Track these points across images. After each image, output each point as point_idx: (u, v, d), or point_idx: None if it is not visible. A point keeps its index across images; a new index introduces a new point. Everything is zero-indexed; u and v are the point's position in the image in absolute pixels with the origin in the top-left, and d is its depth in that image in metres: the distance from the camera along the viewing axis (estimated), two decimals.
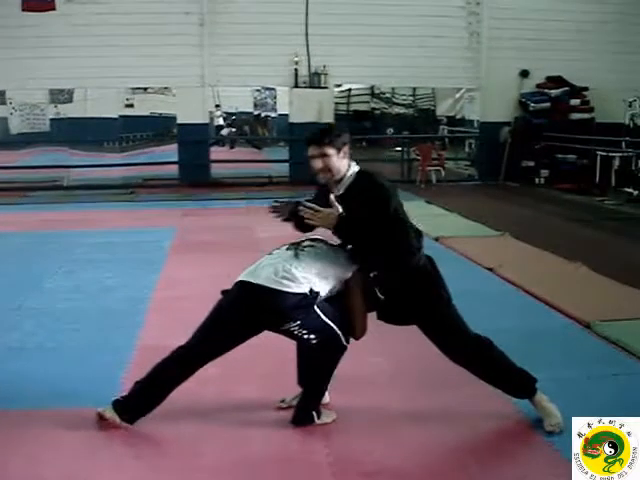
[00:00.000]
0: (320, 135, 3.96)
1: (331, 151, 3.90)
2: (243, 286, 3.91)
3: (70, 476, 3.55)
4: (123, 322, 6.05)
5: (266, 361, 4.81)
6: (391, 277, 3.97)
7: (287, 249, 4.02)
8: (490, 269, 7.84)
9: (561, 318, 6.13)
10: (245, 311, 3.89)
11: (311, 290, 3.86)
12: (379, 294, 4.00)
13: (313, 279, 3.88)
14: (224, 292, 4.01)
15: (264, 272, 3.89)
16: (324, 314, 3.91)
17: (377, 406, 4.27)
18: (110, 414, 3.98)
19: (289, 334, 3.96)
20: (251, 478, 3.56)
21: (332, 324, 3.92)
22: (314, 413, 4.04)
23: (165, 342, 5.45)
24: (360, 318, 4.00)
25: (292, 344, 4.12)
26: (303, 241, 4.06)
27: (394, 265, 3.92)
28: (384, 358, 5.05)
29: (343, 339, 3.96)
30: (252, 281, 3.88)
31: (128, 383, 4.64)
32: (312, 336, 3.92)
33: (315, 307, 3.89)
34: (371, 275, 3.99)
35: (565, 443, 3.62)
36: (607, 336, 5.55)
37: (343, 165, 3.96)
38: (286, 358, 4.34)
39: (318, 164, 3.95)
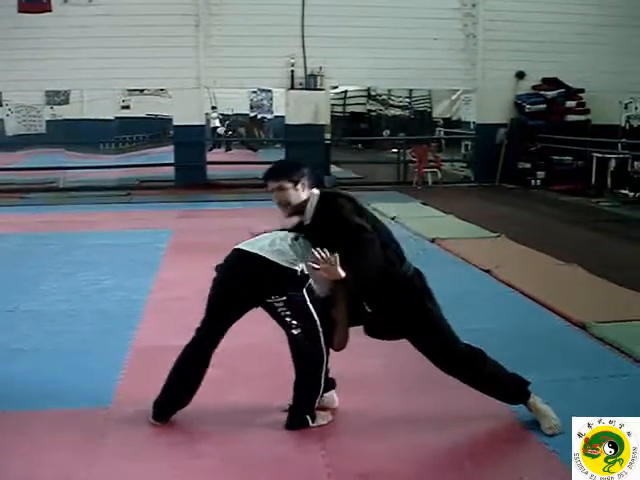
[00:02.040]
0: (274, 169, 4.05)
1: (287, 184, 3.95)
2: (239, 253, 4.04)
3: (67, 477, 3.55)
4: (119, 323, 6.05)
5: (263, 363, 4.80)
6: (378, 290, 3.95)
7: (290, 231, 4.10)
8: (486, 270, 7.85)
9: (557, 319, 6.13)
10: (239, 277, 4.01)
11: (303, 271, 3.92)
12: (367, 308, 3.99)
13: (304, 264, 3.94)
14: (218, 267, 4.12)
15: (260, 243, 4.01)
16: (313, 305, 3.95)
17: (373, 407, 4.27)
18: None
19: (274, 312, 3.99)
20: (248, 479, 3.56)
21: (317, 318, 3.95)
22: (308, 417, 4.03)
23: (161, 343, 5.49)
24: (340, 328, 3.96)
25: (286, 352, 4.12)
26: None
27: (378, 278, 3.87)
28: (381, 360, 5.04)
29: (323, 341, 3.96)
30: (247, 249, 4.00)
31: (124, 384, 4.66)
32: (294, 322, 3.96)
33: (304, 291, 3.94)
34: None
35: (561, 444, 3.63)
36: (603, 337, 5.56)
37: (301, 197, 3.98)
38: (283, 361, 4.33)
39: (276, 198, 4.01)
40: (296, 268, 3.93)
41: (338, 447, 3.87)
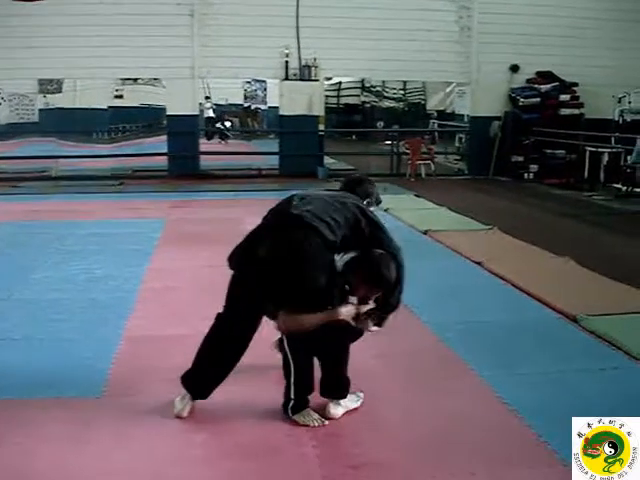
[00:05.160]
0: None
1: None
2: None
3: (58, 466, 3.55)
4: (111, 313, 6.04)
5: (253, 355, 4.79)
6: None
7: None
8: (478, 263, 7.86)
9: (548, 312, 6.15)
10: None
11: None
12: None
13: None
14: None
15: None
16: None
17: (365, 399, 4.26)
18: None
19: None
20: (239, 469, 3.56)
21: None
22: (289, 408, 4.01)
23: (153, 332, 5.51)
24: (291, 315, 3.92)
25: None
26: None
27: None
28: (376, 353, 5.01)
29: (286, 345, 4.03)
30: None
31: (116, 373, 4.66)
32: None
33: None
34: None
35: (558, 441, 3.62)
36: (594, 330, 5.58)
37: None
38: (277, 356, 4.35)
39: None
40: None
41: (329, 438, 3.88)
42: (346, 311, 3.89)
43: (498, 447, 3.79)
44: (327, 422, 3.99)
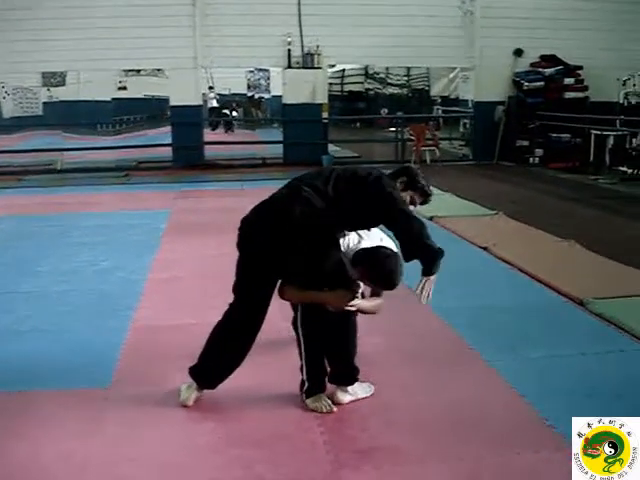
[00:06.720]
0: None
1: None
2: None
3: (67, 455, 3.56)
4: (118, 304, 6.05)
5: (260, 340, 4.81)
6: None
7: None
8: (484, 248, 7.86)
9: (555, 296, 6.15)
10: None
11: None
12: None
13: None
14: None
15: None
16: None
17: (374, 386, 4.27)
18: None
19: None
20: (247, 456, 3.57)
21: None
22: (304, 391, 4.05)
23: (159, 323, 5.53)
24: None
25: (288, 330, 4.15)
26: None
27: None
28: (381, 338, 5.05)
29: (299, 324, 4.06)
30: None
31: (124, 364, 4.67)
32: None
33: None
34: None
35: (565, 425, 3.62)
36: (601, 313, 5.57)
37: None
38: (284, 343, 4.36)
39: None
40: None
41: (337, 424, 3.89)
42: (342, 295, 3.91)
43: (506, 431, 3.79)
44: (335, 409, 4.00)
